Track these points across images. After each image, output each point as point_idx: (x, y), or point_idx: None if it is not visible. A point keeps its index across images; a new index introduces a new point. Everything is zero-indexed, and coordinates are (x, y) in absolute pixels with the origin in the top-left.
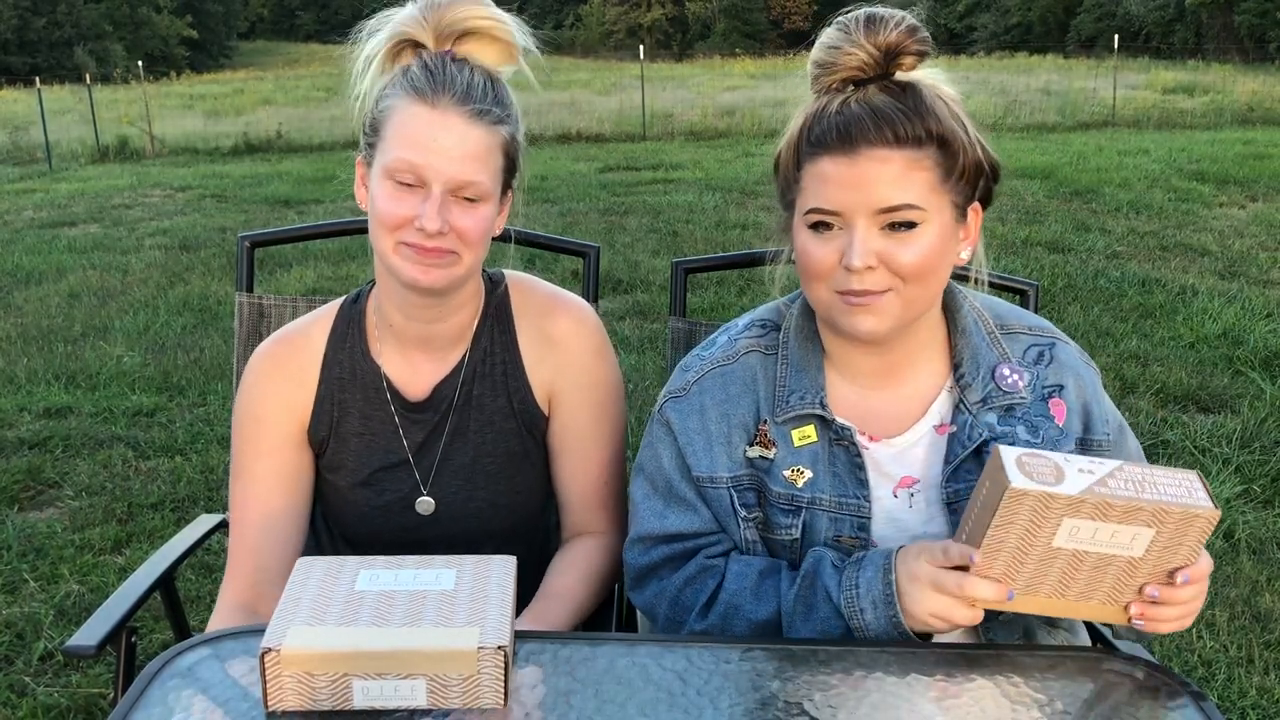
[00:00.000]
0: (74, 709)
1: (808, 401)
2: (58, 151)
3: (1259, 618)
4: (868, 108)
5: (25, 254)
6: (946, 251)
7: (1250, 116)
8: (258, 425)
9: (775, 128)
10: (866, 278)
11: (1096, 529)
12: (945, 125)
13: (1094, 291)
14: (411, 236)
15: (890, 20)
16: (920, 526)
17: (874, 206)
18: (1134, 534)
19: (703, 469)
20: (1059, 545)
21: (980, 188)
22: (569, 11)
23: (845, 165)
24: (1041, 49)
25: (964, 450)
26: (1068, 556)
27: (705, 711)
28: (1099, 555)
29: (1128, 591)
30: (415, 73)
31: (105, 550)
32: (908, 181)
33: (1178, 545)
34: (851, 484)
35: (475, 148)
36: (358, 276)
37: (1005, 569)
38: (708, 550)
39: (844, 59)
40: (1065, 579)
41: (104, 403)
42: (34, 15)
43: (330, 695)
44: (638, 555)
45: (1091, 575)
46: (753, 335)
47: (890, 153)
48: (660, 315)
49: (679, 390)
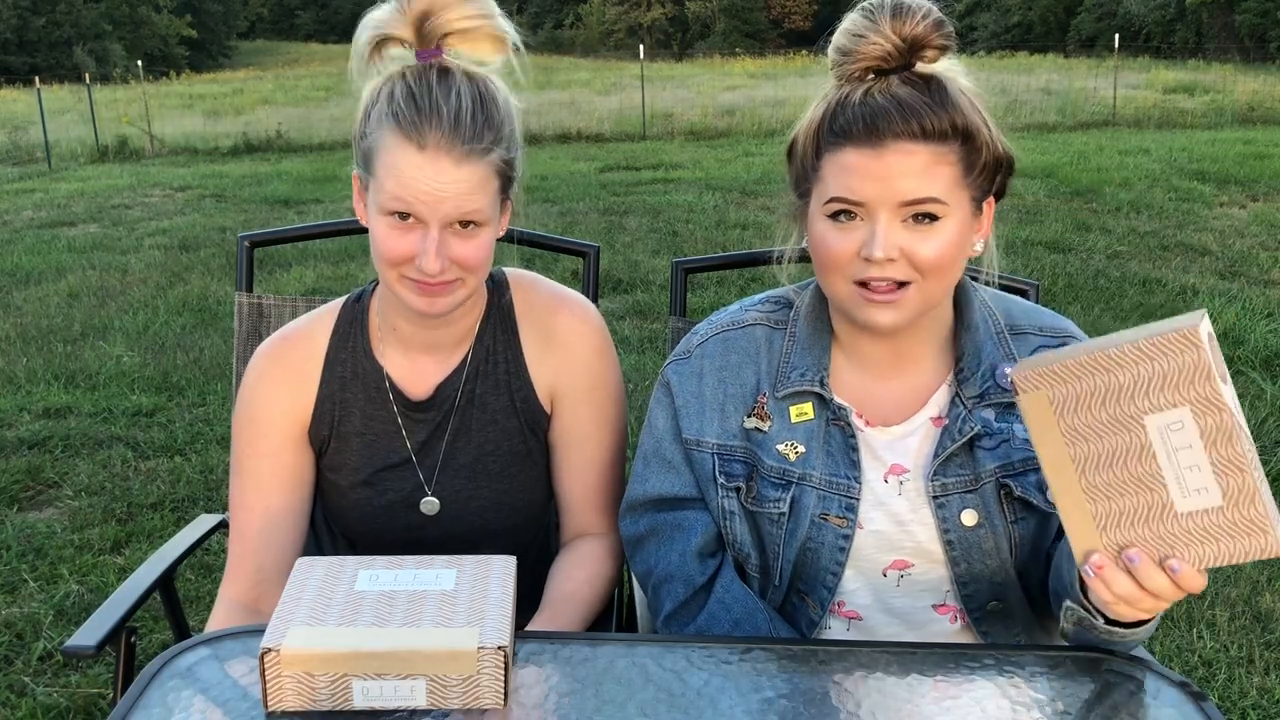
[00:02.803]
0: (74, 709)
1: (808, 379)
2: (57, 151)
3: (1259, 618)
4: (893, 100)
5: (25, 254)
6: (964, 245)
7: (1251, 116)
8: (258, 425)
9: (775, 128)
10: (887, 268)
11: (1195, 444)
12: (969, 119)
13: (1094, 291)
14: (413, 273)
15: (917, 11)
16: (908, 514)
17: (898, 199)
18: (1209, 484)
19: (691, 431)
20: (1151, 436)
21: (997, 182)
22: (569, 11)
23: (870, 157)
24: (1042, 48)
25: (953, 443)
26: (1141, 447)
27: (705, 711)
28: (1158, 470)
29: (1125, 531)
30: (400, 102)
31: (105, 550)
32: (932, 175)
33: (1225, 535)
34: (844, 464)
35: (469, 184)
36: (358, 276)
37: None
38: (691, 537)
39: (867, 48)
40: (1107, 463)
41: (103, 403)
42: (34, 15)
43: (330, 695)
44: (628, 526)
45: (1127, 480)
46: (764, 309)
47: (916, 146)
48: (660, 315)
49: (682, 354)
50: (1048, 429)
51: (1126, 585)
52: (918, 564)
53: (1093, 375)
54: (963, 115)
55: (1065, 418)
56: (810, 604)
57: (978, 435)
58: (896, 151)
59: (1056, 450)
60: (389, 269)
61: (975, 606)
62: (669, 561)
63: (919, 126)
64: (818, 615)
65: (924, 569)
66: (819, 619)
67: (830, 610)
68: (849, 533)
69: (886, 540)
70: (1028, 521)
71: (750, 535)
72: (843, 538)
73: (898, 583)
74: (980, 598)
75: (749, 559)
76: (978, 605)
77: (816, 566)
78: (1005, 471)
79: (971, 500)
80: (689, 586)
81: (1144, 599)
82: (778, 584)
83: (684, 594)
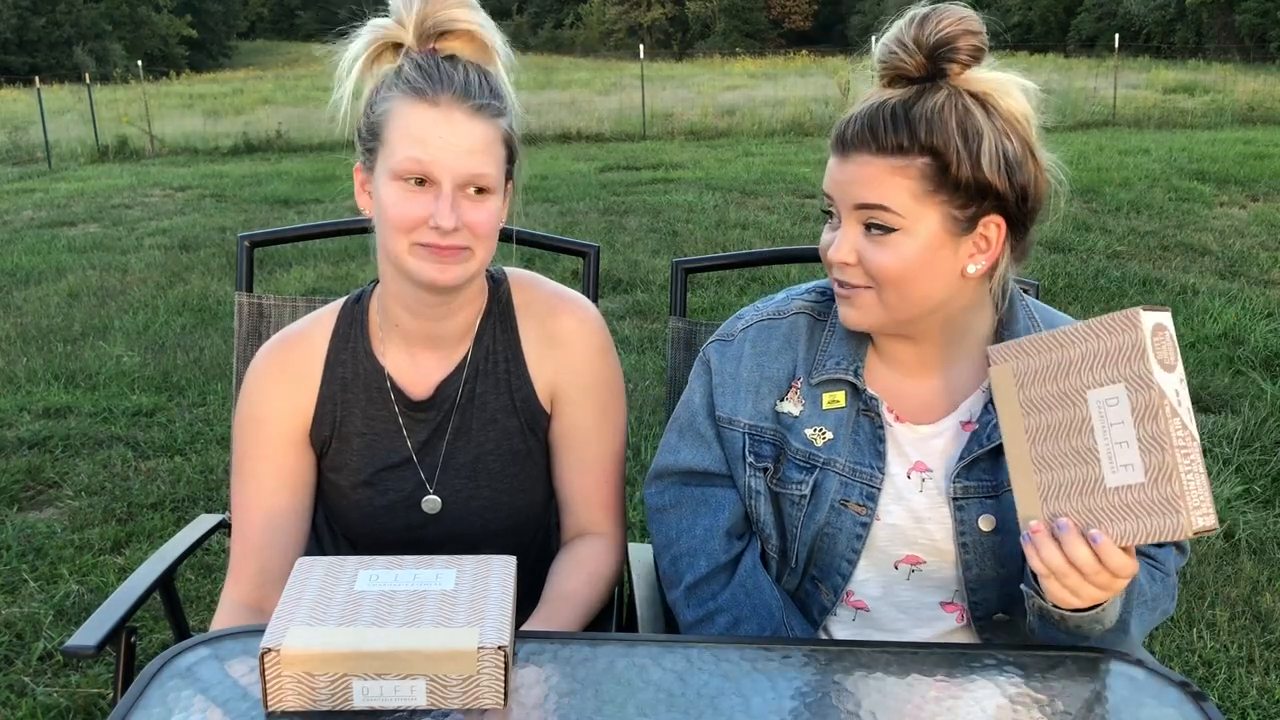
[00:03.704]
0: (74, 709)
1: (843, 368)
2: (57, 151)
3: (1259, 618)
4: (867, 116)
5: (25, 254)
6: (933, 262)
7: (1251, 116)
8: (259, 427)
9: (775, 128)
10: (846, 271)
11: (1126, 420)
12: (939, 137)
13: (1095, 291)
14: (426, 236)
15: (943, 16)
16: (926, 511)
17: (853, 202)
18: (1135, 461)
19: (725, 409)
20: (1091, 410)
21: (994, 204)
22: (569, 11)
23: (838, 163)
24: (1042, 48)
25: (980, 448)
26: (1083, 421)
27: (705, 712)
28: (1094, 444)
29: (1061, 503)
30: (410, 73)
31: (105, 550)
32: (886, 186)
33: (1144, 512)
34: (870, 454)
35: (480, 141)
36: (357, 276)
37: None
38: (720, 516)
39: (896, 61)
40: (1054, 434)
41: (104, 403)
42: (34, 15)
43: (330, 695)
44: (653, 494)
45: (1069, 452)
46: (809, 299)
47: (869, 158)
48: (660, 315)
49: (726, 335)
50: (1009, 400)
51: (1053, 554)
52: (930, 561)
53: (1049, 350)
54: (933, 132)
55: (1024, 390)
56: (824, 590)
57: None
58: (853, 161)
59: (1014, 421)
60: (401, 237)
61: (981, 615)
62: (693, 535)
63: (874, 140)
64: (830, 602)
65: (935, 567)
66: (831, 606)
67: (841, 598)
68: (867, 521)
69: (902, 535)
70: None
71: (773, 516)
72: (860, 525)
73: (908, 576)
74: (987, 605)
75: (770, 540)
76: (984, 614)
77: (833, 553)
78: None
79: (990, 506)
80: (711, 562)
81: (1069, 573)
82: (794, 567)
83: (706, 568)
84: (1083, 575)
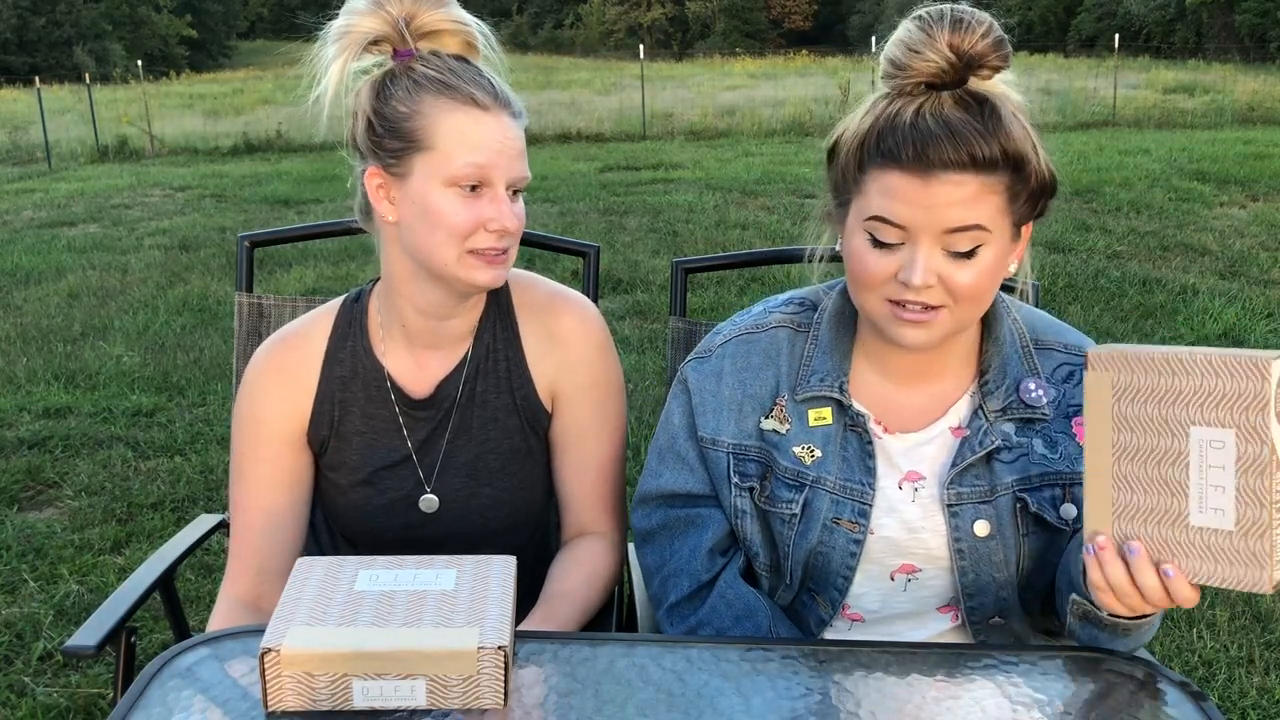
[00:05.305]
0: (73, 709)
1: (828, 384)
2: (57, 151)
3: (1259, 618)
4: (944, 125)
5: (25, 254)
6: (1000, 270)
7: (1251, 116)
8: (258, 426)
9: (775, 128)
10: (923, 293)
11: (1229, 466)
12: (1019, 146)
13: (1095, 291)
14: (482, 241)
15: (977, 28)
16: (919, 520)
17: (942, 227)
18: (1227, 507)
19: (707, 430)
20: (1191, 446)
21: (1039, 205)
22: (569, 11)
23: (918, 185)
24: (1042, 48)
25: (972, 454)
26: (1179, 454)
27: (705, 712)
28: (1185, 479)
29: (1136, 525)
30: (444, 77)
31: (105, 550)
32: (979, 204)
33: (1225, 559)
34: (859, 470)
35: (521, 143)
36: (358, 276)
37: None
38: (704, 534)
39: (920, 64)
40: (1143, 458)
41: (103, 403)
42: (33, 15)
43: (330, 695)
44: (639, 519)
45: (1155, 479)
46: (788, 310)
47: (965, 177)
48: (660, 315)
49: (703, 353)
50: (1102, 410)
51: (1119, 574)
52: (926, 569)
53: (1159, 374)
54: (1014, 142)
55: (1121, 404)
56: (821, 603)
57: (997, 448)
58: (945, 182)
59: (1103, 432)
60: (456, 243)
61: (978, 619)
62: (679, 557)
63: (969, 155)
64: (828, 614)
65: (932, 574)
66: (829, 618)
67: (839, 611)
68: (860, 538)
69: (896, 546)
70: (1039, 536)
71: (761, 534)
72: (854, 542)
73: (905, 586)
74: (984, 610)
75: (758, 557)
76: (980, 618)
77: (828, 570)
78: (1022, 486)
79: (985, 511)
80: (694, 581)
81: (1131, 594)
82: (789, 583)
83: (689, 588)
84: (1144, 598)
